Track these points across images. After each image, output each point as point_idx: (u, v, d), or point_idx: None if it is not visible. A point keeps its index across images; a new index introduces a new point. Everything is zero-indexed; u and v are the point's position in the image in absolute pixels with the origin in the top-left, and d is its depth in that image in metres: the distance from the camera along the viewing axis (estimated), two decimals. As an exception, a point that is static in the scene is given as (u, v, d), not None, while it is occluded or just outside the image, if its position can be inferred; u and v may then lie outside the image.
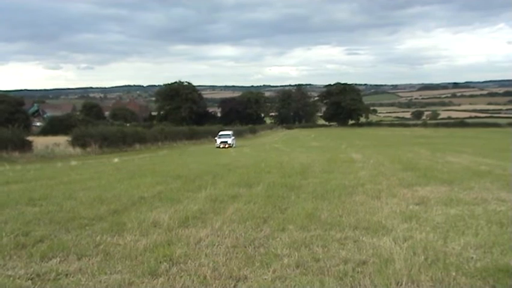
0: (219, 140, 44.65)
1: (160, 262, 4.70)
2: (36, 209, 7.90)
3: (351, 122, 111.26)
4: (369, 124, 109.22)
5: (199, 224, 6.43)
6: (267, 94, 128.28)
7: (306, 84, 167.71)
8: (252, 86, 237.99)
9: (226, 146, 43.07)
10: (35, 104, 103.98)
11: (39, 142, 36.13)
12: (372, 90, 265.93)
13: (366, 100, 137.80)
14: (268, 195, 8.75)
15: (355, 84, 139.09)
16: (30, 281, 4.26)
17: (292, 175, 12.40)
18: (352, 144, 38.68)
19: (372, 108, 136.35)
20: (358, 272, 4.33)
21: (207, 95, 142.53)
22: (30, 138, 36.53)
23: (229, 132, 47.75)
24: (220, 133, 47.96)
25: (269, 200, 8.27)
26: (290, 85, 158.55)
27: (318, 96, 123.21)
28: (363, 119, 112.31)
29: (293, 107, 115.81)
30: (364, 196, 8.61)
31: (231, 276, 4.30)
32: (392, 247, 5.00)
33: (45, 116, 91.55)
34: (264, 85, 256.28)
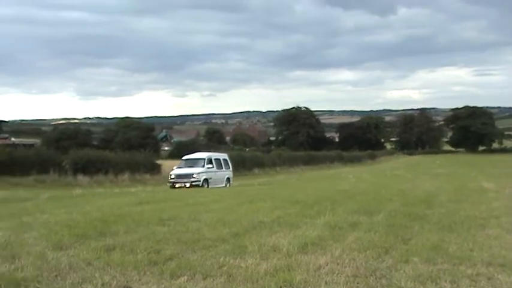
0: (174, 172, 24.59)
1: (280, 287, 4.74)
2: (165, 228, 8.47)
3: (481, 148, 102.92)
4: (503, 150, 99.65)
5: (319, 251, 6.37)
6: (387, 119, 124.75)
7: (430, 108, 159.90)
8: (372, 111, 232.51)
9: (188, 185, 23.09)
10: (164, 130, 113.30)
11: (167, 165, 39.02)
12: (507, 114, 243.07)
13: (500, 124, 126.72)
14: (389, 224, 8.40)
15: (487, 107, 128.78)
16: (161, 297, 4.57)
17: (416, 204, 11.77)
18: (483, 172, 35.63)
19: (506, 133, 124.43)
20: (494, 314, 3.94)
21: (324, 120, 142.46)
22: (159, 161, 39.82)
23: (203, 156, 26.24)
24: (185, 157, 26.86)
25: (390, 229, 7.93)
26: (412, 109, 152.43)
27: (443, 120, 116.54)
28: (495, 145, 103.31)
29: (416, 131, 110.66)
30: (498, 229, 7.84)
31: (351, 307, 4.18)
32: (534, 289, 4.48)
33: (172, 141, 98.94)
34: (384, 109, 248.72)
